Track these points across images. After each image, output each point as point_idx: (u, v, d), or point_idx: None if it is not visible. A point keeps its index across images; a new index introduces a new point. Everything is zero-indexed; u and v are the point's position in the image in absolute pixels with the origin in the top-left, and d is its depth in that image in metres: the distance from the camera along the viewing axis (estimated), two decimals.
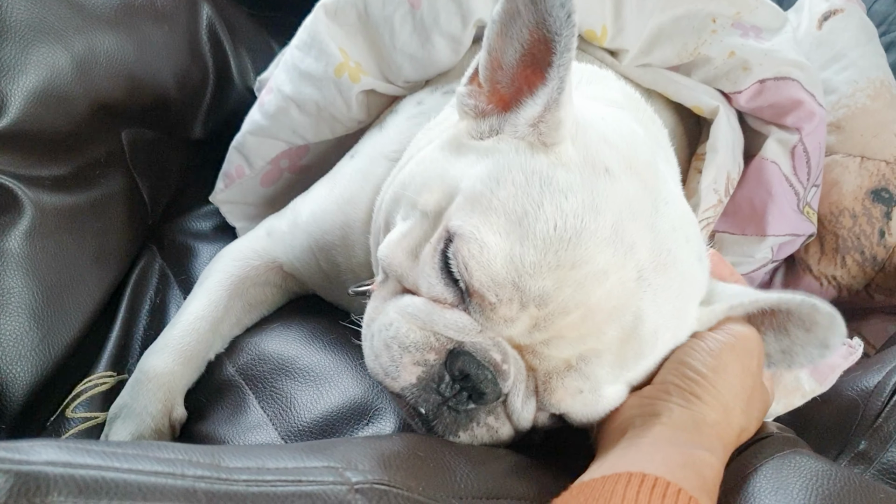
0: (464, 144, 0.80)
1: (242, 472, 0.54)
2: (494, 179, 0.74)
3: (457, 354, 0.73)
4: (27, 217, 1.00)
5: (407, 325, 0.74)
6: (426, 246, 0.76)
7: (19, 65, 1.00)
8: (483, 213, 0.72)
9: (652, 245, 0.74)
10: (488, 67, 0.77)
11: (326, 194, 1.06)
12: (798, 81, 1.13)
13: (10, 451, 0.47)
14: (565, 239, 0.70)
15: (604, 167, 0.75)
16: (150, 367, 0.96)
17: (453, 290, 0.74)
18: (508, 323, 0.71)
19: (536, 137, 0.75)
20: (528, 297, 0.70)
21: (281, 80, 1.17)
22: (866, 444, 0.84)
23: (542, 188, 0.72)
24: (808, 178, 1.17)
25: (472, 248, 0.71)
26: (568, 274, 0.70)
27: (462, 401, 0.74)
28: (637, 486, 0.60)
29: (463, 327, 0.73)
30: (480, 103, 0.80)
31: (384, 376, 0.75)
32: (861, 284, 1.32)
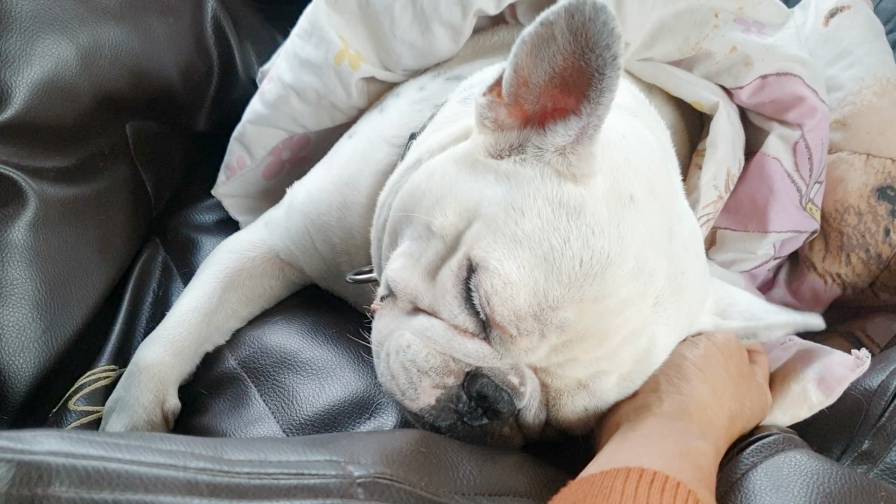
0: (480, 162, 0.78)
1: (245, 465, 0.54)
2: (519, 210, 0.73)
3: (475, 377, 0.74)
4: (31, 208, 1.00)
5: (426, 349, 0.74)
6: (444, 270, 0.75)
7: (24, 56, 1.00)
8: (507, 244, 0.72)
9: (668, 270, 0.76)
10: (514, 84, 0.75)
11: (323, 175, 1.06)
12: (800, 77, 1.12)
13: (13, 440, 0.47)
14: (591, 275, 0.70)
15: (629, 195, 0.75)
16: (141, 359, 0.96)
17: (475, 321, 0.74)
18: (528, 352, 0.73)
19: (565, 167, 0.74)
20: (550, 329, 0.71)
21: (281, 69, 1.17)
22: (870, 444, 0.84)
23: (570, 223, 0.72)
24: (811, 174, 1.16)
25: (495, 283, 0.71)
26: (590, 307, 0.71)
27: (477, 416, 0.75)
28: (636, 481, 0.60)
29: (483, 356, 0.74)
30: (500, 115, 0.78)
31: (401, 396, 0.76)
32: (866, 282, 1.32)
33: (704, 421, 0.72)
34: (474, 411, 0.75)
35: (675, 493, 0.59)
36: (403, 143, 0.97)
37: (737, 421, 0.77)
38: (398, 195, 0.84)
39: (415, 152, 0.89)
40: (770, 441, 0.74)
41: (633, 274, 0.72)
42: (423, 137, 0.92)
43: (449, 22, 1.06)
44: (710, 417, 0.73)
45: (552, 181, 0.74)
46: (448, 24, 1.06)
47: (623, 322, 0.72)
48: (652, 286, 0.74)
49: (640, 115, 0.92)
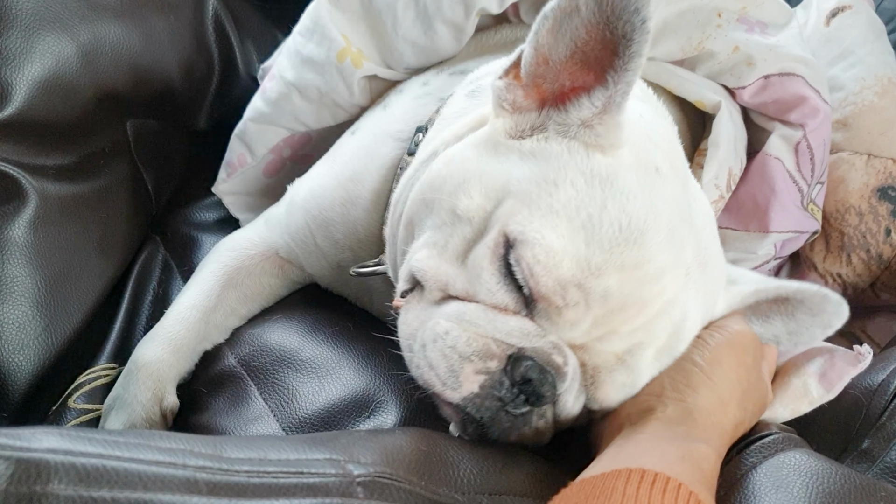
0: (501, 144, 0.78)
1: (244, 463, 0.54)
2: (552, 182, 0.73)
3: (518, 360, 0.71)
4: (31, 206, 1.00)
5: (466, 333, 0.72)
6: (476, 251, 0.74)
7: (24, 53, 1.00)
8: (544, 216, 0.71)
9: (694, 243, 0.76)
10: (533, 63, 0.75)
11: (326, 171, 1.06)
12: (803, 77, 1.12)
13: (12, 437, 0.47)
14: (630, 240, 0.70)
15: (654, 167, 0.75)
16: (139, 357, 0.96)
17: (515, 297, 0.73)
18: (573, 325, 0.71)
19: (593, 138, 0.74)
20: (594, 298, 0.70)
21: (283, 67, 1.17)
22: (869, 443, 0.84)
23: (604, 191, 0.72)
24: (812, 174, 1.16)
25: (537, 254, 0.70)
26: (631, 273, 0.70)
27: (519, 404, 0.73)
28: (637, 482, 0.60)
29: (528, 333, 0.72)
30: (518, 98, 0.78)
31: (442, 387, 0.72)
32: (866, 283, 1.32)
33: (708, 427, 0.72)
34: (516, 398, 0.72)
35: (677, 494, 0.59)
36: (409, 138, 0.97)
37: (740, 427, 0.77)
38: (415, 187, 0.83)
39: (429, 146, 0.88)
40: (770, 441, 0.74)
41: (667, 241, 0.72)
42: (434, 132, 0.91)
43: (452, 21, 1.06)
44: (714, 424, 0.73)
45: (580, 153, 0.74)
46: (451, 22, 1.06)
47: (659, 291, 0.72)
48: (682, 257, 0.74)
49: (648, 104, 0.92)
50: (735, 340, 0.80)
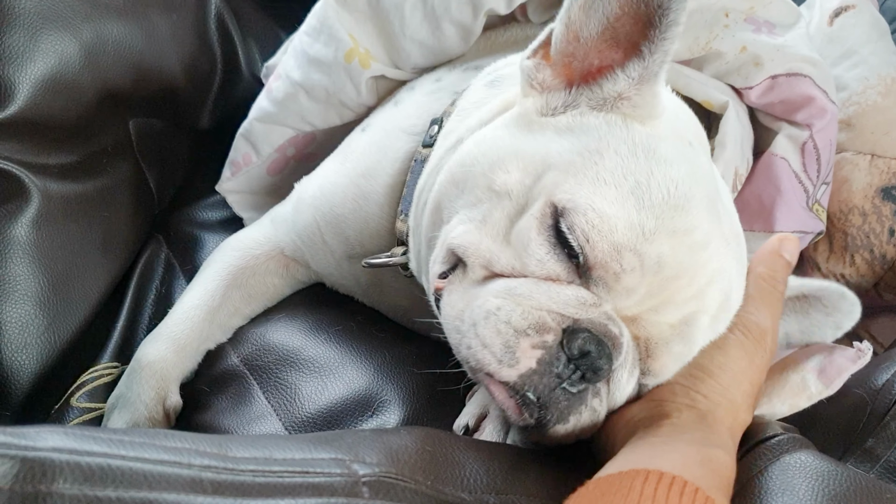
0: (535, 121, 0.78)
1: (249, 463, 0.54)
2: (595, 151, 0.73)
3: (574, 332, 0.69)
4: (34, 205, 1.00)
5: (519, 307, 0.70)
6: (519, 225, 0.73)
7: (27, 52, 1.00)
8: (592, 184, 0.71)
9: (728, 217, 0.77)
10: (563, 41, 0.76)
11: (337, 168, 1.05)
12: (810, 78, 1.12)
13: (17, 436, 0.47)
14: (679, 206, 0.70)
15: (688, 140, 0.77)
16: (143, 356, 0.96)
17: (567, 266, 0.71)
18: (629, 292, 0.70)
19: (630, 109, 0.75)
20: (648, 265, 0.69)
21: (289, 67, 1.17)
22: (873, 442, 0.84)
23: (648, 159, 0.72)
24: (818, 175, 1.16)
25: (591, 219, 0.69)
26: (682, 239, 0.70)
27: (575, 381, 0.70)
28: (655, 483, 0.59)
29: (584, 302, 0.70)
30: (547, 77, 0.79)
31: (498, 365, 0.69)
32: (870, 283, 1.32)
33: (724, 433, 0.71)
34: (573, 374, 0.70)
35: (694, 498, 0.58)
36: (422, 132, 0.97)
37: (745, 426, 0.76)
38: (442, 172, 0.83)
39: (451, 135, 0.88)
40: (776, 442, 0.74)
41: (708, 210, 0.73)
42: (454, 122, 0.91)
43: (459, 21, 1.06)
44: (729, 429, 0.72)
45: (619, 125, 0.75)
46: (459, 23, 1.06)
47: (707, 259, 0.72)
48: (720, 227, 0.74)
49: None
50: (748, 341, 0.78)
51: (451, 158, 0.83)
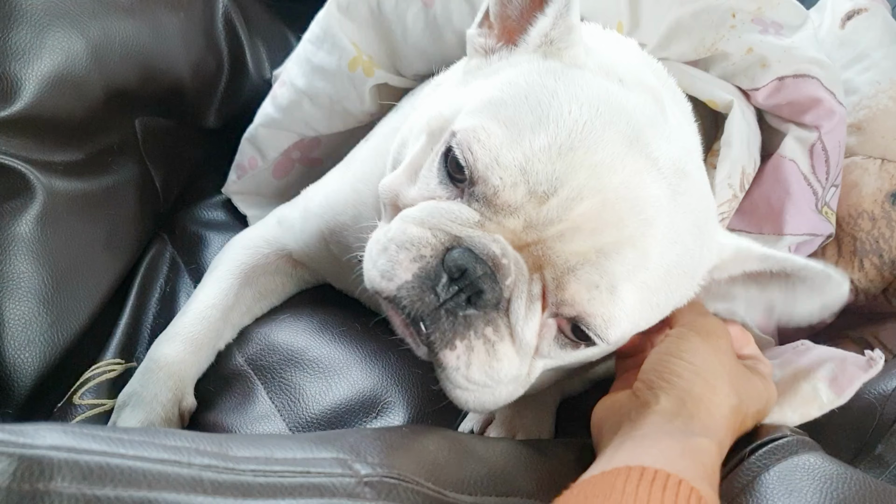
0: (472, 75, 0.82)
1: (250, 462, 0.54)
2: (507, 82, 0.75)
3: (454, 250, 0.70)
4: (39, 202, 1.00)
5: (405, 225, 0.73)
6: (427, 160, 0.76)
7: (34, 49, 1.00)
8: (493, 109, 0.72)
9: (668, 152, 0.74)
10: (498, 3, 0.80)
11: (340, 177, 1.06)
12: (817, 79, 1.11)
13: (15, 434, 0.46)
14: (580, 123, 0.69)
15: (617, 77, 0.76)
16: (160, 356, 0.95)
17: (450, 188, 0.73)
18: (513, 211, 0.69)
19: (549, 46, 0.77)
20: (536, 182, 0.68)
21: (293, 74, 1.18)
22: (883, 448, 0.83)
23: (557, 81, 0.73)
24: (827, 177, 1.15)
25: (478, 134, 0.70)
26: (581, 157, 0.69)
27: (460, 304, 0.70)
28: (637, 480, 0.59)
29: (460, 216, 0.71)
30: (490, 41, 0.82)
31: (380, 279, 0.72)
32: (879, 288, 1.31)
33: (703, 415, 0.70)
34: (457, 296, 0.70)
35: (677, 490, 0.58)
36: None
37: (738, 413, 0.75)
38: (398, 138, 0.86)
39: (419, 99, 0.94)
40: (783, 443, 0.73)
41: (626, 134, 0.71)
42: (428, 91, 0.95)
43: (461, 30, 1.05)
44: (709, 411, 0.71)
45: (538, 59, 0.77)
46: (460, 32, 1.06)
47: (623, 184, 0.69)
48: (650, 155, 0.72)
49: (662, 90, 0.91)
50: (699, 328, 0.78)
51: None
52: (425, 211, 0.73)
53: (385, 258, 0.72)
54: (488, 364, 0.72)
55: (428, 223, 0.72)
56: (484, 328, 0.71)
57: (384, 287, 0.72)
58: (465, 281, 0.70)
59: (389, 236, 0.73)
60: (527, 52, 0.79)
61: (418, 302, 0.71)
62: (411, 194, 0.76)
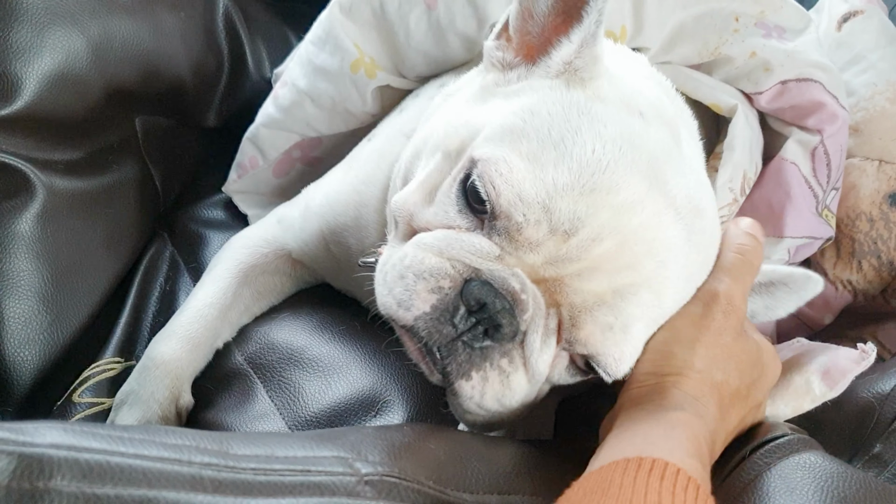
0: (490, 92, 0.80)
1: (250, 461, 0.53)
2: (528, 110, 0.73)
3: (473, 283, 0.70)
4: (39, 200, 1.00)
5: (422, 253, 0.72)
6: (445, 181, 0.74)
7: (35, 48, 0.99)
8: (515, 140, 0.71)
9: (685, 189, 0.74)
10: (519, 18, 0.78)
11: (341, 177, 1.06)
12: (820, 83, 1.11)
13: (15, 432, 0.46)
14: (603, 162, 0.69)
15: (638, 111, 0.75)
16: (157, 354, 0.95)
17: (469, 218, 0.72)
18: (533, 247, 0.69)
19: (572, 73, 0.76)
20: (559, 221, 0.68)
21: (295, 75, 1.17)
22: (881, 448, 0.83)
23: (581, 116, 0.72)
24: (828, 180, 1.15)
25: (500, 168, 0.69)
26: (604, 199, 0.68)
27: (477, 336, 0.71)
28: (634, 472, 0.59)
29: (481, 249, 0.71)
30: (508, 55, 0.80)
31: (397, 308, 0.71)
32: (877, 289, 1.31)
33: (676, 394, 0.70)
34: (474, 328, 0.70)
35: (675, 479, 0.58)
36: None
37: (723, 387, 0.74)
38: (410, 148, 0.84)
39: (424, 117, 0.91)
40: (783, 442, 0.73)
41: (646, 173, 0.71)
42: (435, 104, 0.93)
43: (464, 33, 1.06)
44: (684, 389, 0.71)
45: (561, 89, 0.75)
46: (463, 35, 1.06)
47: (642, 225, 0.70)
48: (668, 195, 0.72)
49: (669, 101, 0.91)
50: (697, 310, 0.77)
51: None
52: (444, 241, 0.72)
53: (402, 286, 0.71)
54: (501, 393, 0.73)
55: (447, 254, 0.71)
56: (499, 359, 0.72)
57: (401, 316, 0.71)
58: (484, 314, 0.70)
59: (406, 264, 0.72)
60: (548, 76, 0.77)
61: (436, 333, 0.70)
62: (427, 217, 0.75)
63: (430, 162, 0.78)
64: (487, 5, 1.03)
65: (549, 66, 0.77)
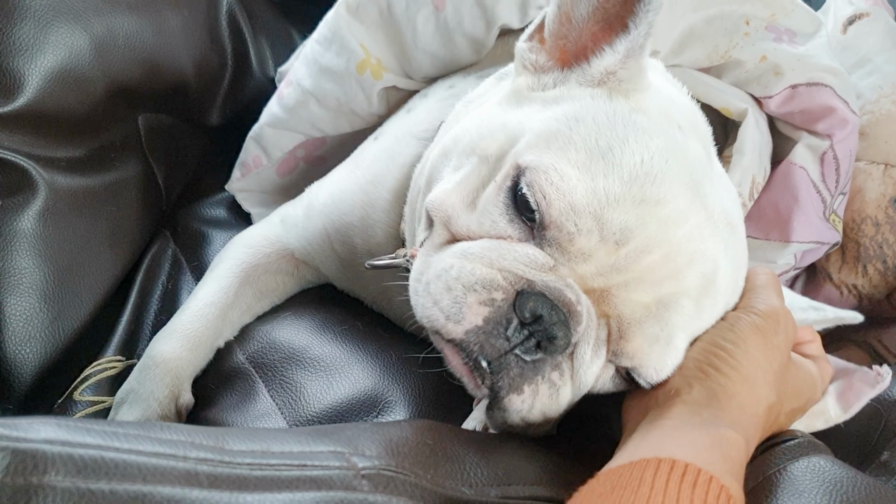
0: (525, 97, 0.78)
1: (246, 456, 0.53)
2: (573, 118, 0.72)
3: (527, 295, 0.68)
4: (41, 198, 1.00)
5: (471, 264, 0.69)
6: (487, 189, 0.73)
7: (37, 45, 1.00)
8: (561, 148, 0.70)
9: (721, 203, 0.74)
10: (556, 22, 0.76)
11: (347, 176, 1.05)
12: (831, 87, 1.10)
13: (9, 427, 0.46)
14: (652, 174, 0.69)
15: (677, 124, 0.75)
16: (157, 353, 0.95)
17: (519, 227, 0.71)
18: (586, 257, 0.68)
19: (616, 83, 0.74)
20: (610, 231, 0.67)
21: (300, 74, 1.17)
22: (888, 455, 0.83)
23: (626, 127, 0.71)
24: (837, 185, 1.14)
25: (551, 177, 0.68)
26: (652, 210, 0.68)
27: (530, 349, 0.68)
28: (666, 474, 0.57)
29: (534, 260, 0.69)
30: (541, 59, 0.79)
31: (445, 321, 0.68)
32: (883, 294, 1.30)
33: (735, 409, 0.69)
34: (527, 340, 0.69)
35: (708, 487, 0.56)
36: (432, 137, 0.96)
37: (774, 411, 0.73)
38: (437, 148, 0.83)
39: (450, 122, 0.89)
40: (793, 445, 0.73)
41: (690, 187, 0.71)
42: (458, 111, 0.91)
43: (472, 35, 1.05)
44: (742, 406, 0.69)
45: (604, 98, 0.74)
46: (471, 36, 1.06)
47: (686, 237, 0.69)
48: (707, 208, 0.72)
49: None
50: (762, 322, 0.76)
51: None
52: (494, 251, 0.70)
53: (450, 298, 0.68)
54: (549, 406, 0.72)
55: (497, 264, 0.69)
56: (551, 372, 0.70)
57: (450, 330, 0.68)
58: (538, 326, 0.68)
59: (454, 275, 0.69)
60: (589, 84, 0.76)
61: (488, 347, 0.68)
62: (468, 223, 0.73)
63: (465, 164, 0.76)
64: (496, 6, 1.03)
65: (588, 73, 0.76)
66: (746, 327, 0.75)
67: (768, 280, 0.80)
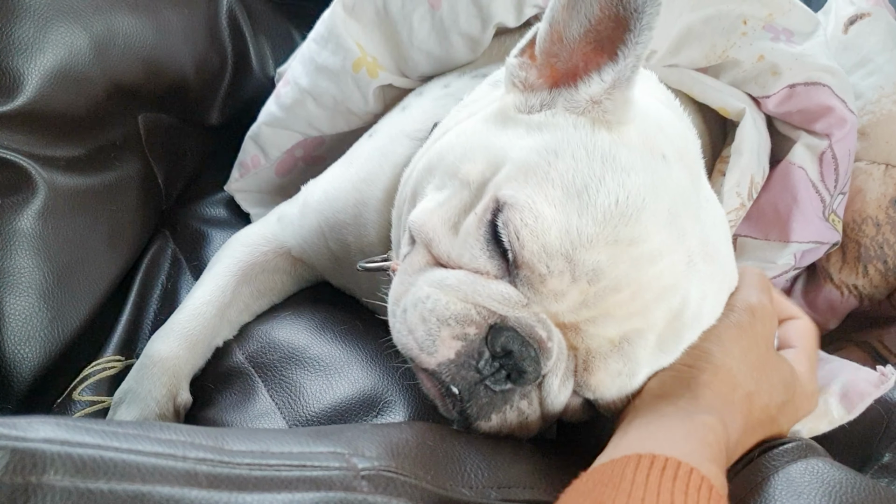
0: (511, 118, 0.78)
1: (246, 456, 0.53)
2: (552, 152, 0.72)
3: (499, 330, 0.70)
4: (40, 197, 0.99)
5: (446, 297, 0.71)
6: (468, 217, 0.73)
7: (37, 43, 0.99)
8: (538, 184, 0.71)
9: (700, 235, 0.74)
10: (547, 40, 0.76)
11: (341, 174, 1.05)
12: (829, 87, 1.10)
13: (8, 427, 0.46)
14: (626, 215, 0.69)
15: (661, 153, 0.75)
16: (154, 352, 0.95)
17: (498, 263, 0.71)
18: (557, 297, 0.69)
19: (600, 114, 0.74)
20: (581, 271, 0.68)
21: (297, 73, 1.17)
22: (890, 457, 0.83)
23: (605, 164, 0.71)
24: (836, 185, 1.14)
25: (525, 217, 0.69)
26: (625, 250, 0.69)
27: (500, 380, 0.71)
28: (647, 469, 0.58)
29: (508, 299, 0.70)
30: (531, 76, 0.78)
31: (418, 351, 0.71)
32: (883, 294, 1.30)
33: (709, 396, 0.70)
34: (497, 373, 0.70)
35: (688, 479, 0.57)
36: (425, 137, 0.96)
37: (754, 400, 0.74)
38: (423, 160, 0.83)
39: (441, 127, 0.89)
40: (790, 447, 0.73)
41: (666, 224, 0.71)
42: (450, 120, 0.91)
43: (468, 34, 1.06)
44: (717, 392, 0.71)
45: (586, 129, 0.74)
46: (467, 35, 1.06)
47: (657, 275, 0.70)
48: (684, 243, 0.72)
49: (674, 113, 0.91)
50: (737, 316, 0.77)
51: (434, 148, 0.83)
52: (470, 286, 0.71)
53: (424, 330, 0.71)
54: (518, 431, 0.74)
55: (472, 299, 0.71)
56: (519, 401, 0.73)
57: (423, 360, 0.71)
58: (509, 360, 0.70)
59: (429, 307, 0.71)
60: (572, 110, 0.75)
61: (459, 378, 0.71)
62: (449, 250, 0.74)
63: (448, 185, 0.77)
64: (491, 5, 1.03)
65: (574, 99, 0.75)
66: (720, 324, 0.76)
67: (751, 279, 0.81)
